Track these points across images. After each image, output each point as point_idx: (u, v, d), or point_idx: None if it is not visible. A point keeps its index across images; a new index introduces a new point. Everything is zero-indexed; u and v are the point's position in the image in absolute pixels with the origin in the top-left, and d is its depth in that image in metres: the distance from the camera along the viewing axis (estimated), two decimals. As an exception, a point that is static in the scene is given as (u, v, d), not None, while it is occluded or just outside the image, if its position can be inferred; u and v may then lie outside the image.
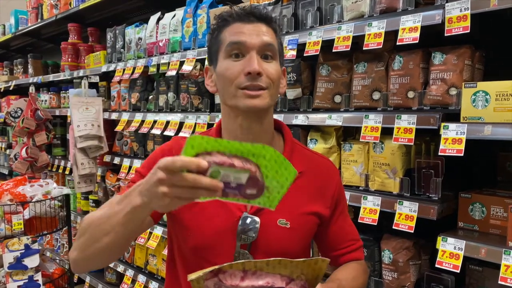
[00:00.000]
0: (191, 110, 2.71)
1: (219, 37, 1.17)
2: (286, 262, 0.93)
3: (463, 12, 1.52)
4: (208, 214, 1.18)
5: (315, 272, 0.96)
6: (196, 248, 1.19)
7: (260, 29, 1.15)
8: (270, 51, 1.15)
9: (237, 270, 0.93)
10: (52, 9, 4.33)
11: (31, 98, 3.98)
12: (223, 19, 1.18)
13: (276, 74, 1.15)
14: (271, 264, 0.93)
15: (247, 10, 1.17)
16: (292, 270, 0.95)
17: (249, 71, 1.10)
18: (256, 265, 0.93)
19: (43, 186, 2.78)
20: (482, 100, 1.50)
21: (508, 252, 1.44)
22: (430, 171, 1.70)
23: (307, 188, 1.22)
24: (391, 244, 1.82)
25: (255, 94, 1.11)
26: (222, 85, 1.17)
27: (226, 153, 0.85)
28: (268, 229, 1.16)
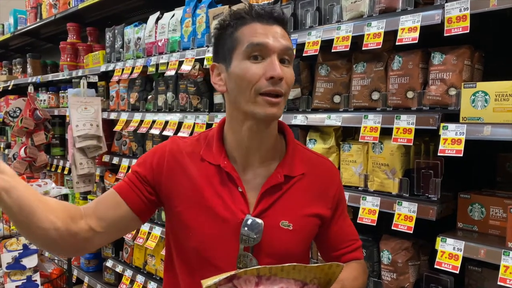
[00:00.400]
0: (190, 110, 2.71)
1: (235, 35, 1.13)
2: (300, 267, 0.92)
3: (463, 12, 1.52)
4: (211, 215, 1.17)
5: (328, 276, 0.95)
6: (196, 249, 1.18)
7: (280, 32, 1.12)
8: (288, 55, 1.12)
9: (251, 276, 0.92)
10: (51, 8, 4.33)
11: (30, 97, 3.97)
12: (240, 16, 1.14)
13: (292, 79, 1.15)
14: (286, 270, 0.92)
15: (266, 10, 1.14)
16: (306, 275, 0.94)
17: (273, 76, 1.07)
18: (271, 271, 0.92)
19: (42, 186, 2.77)
20: (481, 100, 1.50)
21: (507, 253, 1.43)
22: (429, 172, 1.70)
23: (309, 189, 1.22)
24: (390, 245, 1.82)
25: (275, 101, 1.09)
26: (238, 88, 1.12)
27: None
28: (271, 231, 1.15)
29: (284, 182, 1.19)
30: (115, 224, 1.18)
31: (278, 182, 1.18)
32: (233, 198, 1.17)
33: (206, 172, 1.20)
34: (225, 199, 1.17)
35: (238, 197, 1.17)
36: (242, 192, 1.17)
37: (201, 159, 1.21)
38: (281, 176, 1.18)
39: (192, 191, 1.19)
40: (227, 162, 1.19)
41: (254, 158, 1.20)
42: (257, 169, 1.20)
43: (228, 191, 1.18)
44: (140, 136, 3.18)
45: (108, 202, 1.19)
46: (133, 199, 1.19)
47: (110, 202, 1.18)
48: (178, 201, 1.20)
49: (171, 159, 1.21)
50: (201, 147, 1.23)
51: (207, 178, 1.19)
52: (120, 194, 1.18)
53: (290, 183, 1.20)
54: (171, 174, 1.20)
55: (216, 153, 1.20)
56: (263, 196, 1.17)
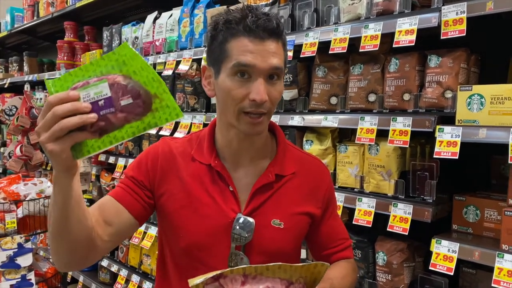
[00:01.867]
0: (187, 110, 2.71)
1: (224, 47, 1.10)
2: (286, 267, 0.93)
3: (459, 15, 1.53)
4: (201, 214, 1.17)
5: (313, 275, 0.97)
6: (188, 248, 1.19)
7: (270, 48, 1.08)
8: (276, 73, 1.11)
9: (238, 275, 0.92)
10: (48, 7, 4.32)
11: (26, 96, 3.96)
12: (231, 27, 1.09)
13: (279, 95, 1.13)
14: (271, 269, 0.93)
15: (259, 23, 1.07)
16: (291, 274, 0.95)
17: (255, 99, 1.07)
18: (257, 270, 0.93)
19: (37, 184, 2.77)
20: (477, 103, 1.51)
21: (501, 255, 1.44)
22: (425, 174, 1.71)
23: (300, 188, 1.23)
24: (385, 246, 1.83)
25: (256, 121, 1.10)
26: (224, 102, 1.13)
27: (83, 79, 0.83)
28: (263, 230, 1.16)
29: (275, 181, 1.20)
30: (119, 232, 1.15)
31: (269, 181, 1.19)
32: (224, 197, 1.18)
33: (197, 172, 1.20)
34: (216, 198, 1.18)
35: (229, 196, 1.18)
36: (233, 191, 1.18)
37: (192, 159, 1.22)
38: (272, 175, 1.20)
39: (183, 191, 1.19)
40: (217, 161, 1.20)
41: (245, 158, 1.21)
42: (248, 169, 1.21)
43: (219, 190, 1.18)
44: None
45: (111, 211, 1.15)
46: (134, 206, 1.17)
47: (113, 210, 1.15)
48: (169, 202, 1.21)
49: (163, 160, 1.22)
50: (192, 147, 1.24)
51: (198, 177, 1.20)
52: (120, 202, 1.16)
53: (281, 182, 1.21)
54: (163, 175, 1.21)
55: (207, 153, 1.21)
56: (254, 195, 1.18)
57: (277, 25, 1.10)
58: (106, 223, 1.12)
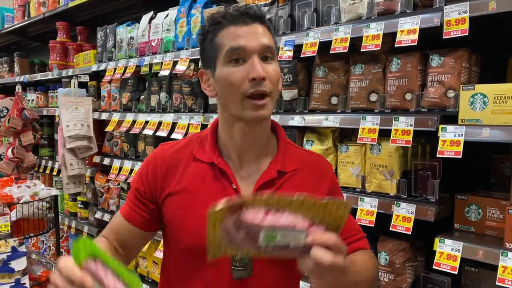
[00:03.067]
0: (184, 110, 2.68)
1: (215, 42, 1.14)
2: (309, 204, 0.88)
3: (462, 15, 1.53)
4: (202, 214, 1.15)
5: (336, 221, 0.91)
6: (189, 249, 1.18)
7: (257, 30, 1.12)
8: (269, 52, 1.13)
9: (260, 207, 0.88)
10: (39, 7, 4.26)
11: (17, 97, 3.90)
12: (217, 22, 1.15)
13: (277, 75, 1.15)
14: (294, 204, 0.89)
15: (241, 10, 1.14)
16: (314, 214, 0.90)
17: (254, 77, 1.08)
18: (279, 203, 0.89)
19: (31, 187, 2.72)
20: (480, 102, 1.52)
21: (505, 254, 1.45)
22: (427, 173, 1.71)
23: (303, 184, 1.22)
24: (387, 246, 1.83)
25: (261, 103, 1.10)
26: (225, 93, 1.14)
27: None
28: None
29: (278, 177, 1.20)
30: (134, 247, 1.31)
31: (272, 177, 1.19)
32: (227, 195, 1.16)
33: (198, 171, 1.21)
34: (218, 196, 1.15)
35: (232, 194, 1.18)
36: (236, 189, 1.18)
37: (194, 159, 1.23)
38: (275, 172, 1.19)
39: (183, 192, 1.20)
40: (220, 159, 1.20)
41: (248, 156, 1.21)
42: (251, 166, 1.21)
43: (221, 188, 1.19)
44: (132, 136, 3.14)
45: (125, 235, 1.27)
46: (144, 223, 1.26)
47: (126, 234, 1.26)
48: (170, 204, 1.22)
49: (163, 165, 1.24)
50: (193, 148, 1.25)
51: (199, 177, 1.20)
52: (131, 223, 1.25)
53: (283, 178, 1.21)
54: (164, 180, 1.23)
55: (210, 151, 1.22)
56: (257, 192, 1.18)
57: (259, 11, 1.16)
58: (124, 248, 1.27)
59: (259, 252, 0.91)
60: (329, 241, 0.88)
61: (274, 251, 0.90)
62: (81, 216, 3.69)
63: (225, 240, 0.90)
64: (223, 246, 0.91)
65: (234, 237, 0.90)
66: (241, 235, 0.89)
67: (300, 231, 0.88)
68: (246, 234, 0.89)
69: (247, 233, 0.89)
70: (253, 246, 0.90)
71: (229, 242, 0.90)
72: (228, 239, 0.90)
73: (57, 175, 4.05)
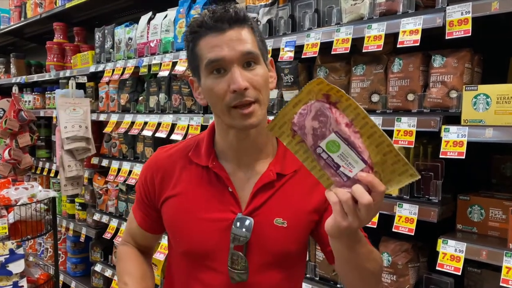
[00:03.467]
0: (184, 111, 2.67)
1: (195, 51, 1.12)
2: (384, 149, 0.81)
3: (464, 15, 1.53)
4: (198, 218, 1.18)
5: (392, 180, 0.84)
6: (188, 252, 1.20)
7: (236, 36, 1.08)
8: (251, 58, 1.09)
9: (349, 116, 0.82)
10: (36, 7, 4.23)
11: (14, 98, 3.87)
12: (195, 31, 1.12)
13: (262, 79, 1.10)
14: (372, 139, 0.82)
15: (216, 17, 1.08)
16: (379, 160, 0.83)
17: (234, 89, 1.05)
18: (362, 127, 0.82)
19: (28, 189, 2.69)
20: (483, 103, 1.51)
21: (509, 254, 1.45)
22: (430, 174, 1.71)
23: (302, 185, 1.21)
24: (389, 247, 1.82)
25: (248, 112, 1.07)
26: (211, 103, 1.14)
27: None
28: (264, 229, 1.15)
29: (277, 179, 1.19)
30: (153, 245, 1.46)
31: (271, 180, 1.18)
32: (223, 199, 1.18)
33: (194, 174, 1.21)
34: (213, 200, 1.18)
35: (228, 198, 1.17)
36: (232, 192, 1.17)
37: (190, 162, 1.23)
38: (273, 174, 1.18)
39: (180, 195, 1.21)
40: (216, 162, 1.19)
41: (246, 158, 1.20)
42: (250, 169, 1.20)
43: (217, 192, 1.18)
44: (131, 138, 3.12)
45: (140, 239, 1.38)
46: (153, 227, 1.33)
47: (140, 236, 1.36)
48: (167, 208, 1.23)
49: (160, 169, 1.25)
50: (190, 151, 1.25)
51: (195, 180, 1.21)
52: (142, 228, 1.34)
53: (282, 180, 1.20)
54: (162, 184, 1.24)
55: (205, 155, 1.21)
56: (255, 195, 1.17)
57: (236, 13, 1.10)
58: (145, 247, 1.40)
59: (307, 158, 0.87)
60: (378, 187, 0.82)
61: (321, 162, 0.86)
62: (79, 218, 3.67)
63: (295, 120, 0.85)
64: (287, 125, 0.86)
65: (304, 121, 0.84)
66: (312, 124, 0.84)
67: (361, 161, 0.83)
68: (318, 126, 0.84)
69: (319, 127, 0.84)
70: (311, 142, 0.85)
71: (298, 124, 0.85)
72: (298, 120, 0.85)
73: (55, 176, 4.02)
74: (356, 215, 0.85)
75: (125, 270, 1.32)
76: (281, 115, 0.86)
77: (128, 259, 1.36)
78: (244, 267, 1.14)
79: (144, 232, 1.34)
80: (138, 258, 1.36)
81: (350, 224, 0.86)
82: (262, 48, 1.14)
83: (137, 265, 1.34)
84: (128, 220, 1.41)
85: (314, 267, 2.04)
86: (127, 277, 1.29)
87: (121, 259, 1.37)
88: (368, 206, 0.83)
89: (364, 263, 1.03)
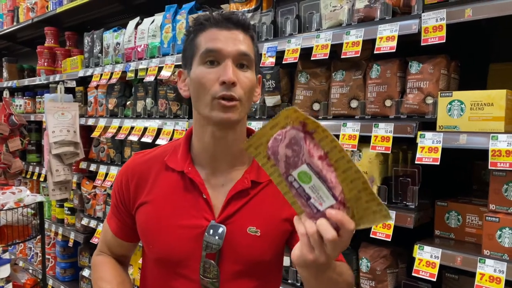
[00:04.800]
0: (170, 116, 2.68)
1: (195, 42, 1.14)
2: (358, 184, 0.79)
3: (439, 22, 1.54)
4: (171, 225, 1.17)
5: (363, 218, 0.82)
6: (161, 260, 1.19)
7: (237, 36, 1.12)
8: (246, 60, 1.12)
9: (325, 148, 0.79)
10: (28, 12, 4.24)
11: (5, 102, 3.88)
12: (199, 23, 1.15)
13: (250, 83, 1.13)
14: (348, 174, 0.79)
15: (225, 15, 1.14)
16: (352, 197, 0.80)
17: (224, 80, 1.07)
18: (338, 160, 0.79)
19: (16, 193, 2.69)
20: (457, 109, 1.52)
21: (483, 260, 1.45)
22: (407, 180, 1.71)
23: (277, 194, 1.18)
24: (368, 253, 1.82)
25: (229, 105, 1.08)
26: (196, 92, 1.13)
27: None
28: (237, 238, 1.14)
29: (252, 187, 1.18)
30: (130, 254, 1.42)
31: (245, 187, 1.17)
32: (197, 205, 1.17)
33: (169, 180, 1.20)
34: (187, 207, 1.17)
35: (202, 204, 1.16)
36: (206, 199, 1.16)
37: (166, 167, 1.22)
38: (248, 182, 1.17)
39: (153, 202, 1.20)
40: (191, 168, 1.19)
41: (222, 164, 1.19)
42: (224, 175, 1.19)
43: (191, 198, 1.17)
44: (119, 142, 3.13)
45: (116, 248, 1.36)
46: (129, 235, 1.32)
47: (117, 245, 1.35)
48: (141, 214, 1.22)
49: (135, 175, 1.24)
50: (166, 156, 1.24)
51: (170, 186, 1.20)
52: (118, 237, 1.32)
53: (257, 188, 1.19)
54: (137, 190, 1.23)
55: (181, 159, 1.20)
56: (229, 202, 1.16)
57: (243, 19, 1.15)
58: (121, 256, 1.37)
59: (282, 182, 0.85)
60: (347, 226, 0.78)
61: (293, 190, 0.84)
62: (68, 222, 3.66)
63: (269, 144, 0.83)
64: (263, 146, 0.84)
65: (278, 148, 0.82)
66: (285, 152, 0.82)
67: (331, 196, 0.80)
68: (291, 155, 0.81)
69: (292, 156, 0.81)
70: (283, 169, 0.83)
71: (271, 148, 0.83)
72: (272, 145, 0.83)
73: (45, 181, 4.02)
74: (322, 250, 0.81)
75: (103, 278, 1.29)
76: (258, 136, 0.85)
77: (105, 267, 1.32)
78: (216, 275, 1.13)
79: (120, 241, 1.32)
80: (115, 266, 1.33)
81: (316, 258, 0.82)
82: (256, 58, 1.18)
83: (115, 273, 1.31)
84: (102, 230, 1.39)
85: (295, 272, 2.04)
86: (105, 284, 1.26)
87: (98, 268, 1.34)
88: (333, 242, 0.79)
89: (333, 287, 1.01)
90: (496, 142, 1.41)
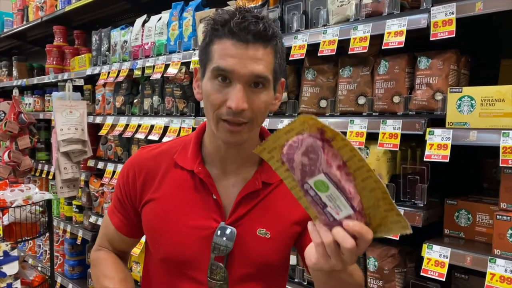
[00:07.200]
0: (176, 114, 2.67)
1: (209, 49, 1.05)
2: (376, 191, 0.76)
3: (449, 16, 1.50)
4: (179, 225, 1.14)
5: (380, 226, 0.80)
6: (166, 260, 1.16)
7: (254, 54, 1.00)
8: (261, 81, 1.02)
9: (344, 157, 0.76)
10: (37, 11, 4.27)
11: (14, 101, 3.90)
12: (216, 28, 1.03)
13: (264, 105, 1.04)
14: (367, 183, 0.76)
15: (243, 26, 0.99)
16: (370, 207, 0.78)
17: (230, 107, 1.00)
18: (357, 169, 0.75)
19: (24, 191, 2.71)
20: (467, 105, 1.48)
21: (493, 260, 1.41)
22: (416, 177, 1.68)
23: (287, 196, 1.17)
24: (376, 252, 1.79)
25: (235, 130, 1.03)
26: (205, 104, 1.08)
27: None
28: (246, 240, 1.12)
29: (262, 188, 1.15)
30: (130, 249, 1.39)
31: (256, 188, 1.14)
32: (206, 206, 1.13)
33: (178, 179, 1.16)
34: (196, 207, 1.14)
35: (212, 205, 1.13)
36: (216, 200, 1.13)
37: (175, 165, 1.18)
38: (259, 183, 1.14)
39: (161, 200, 1.16)
40: (201, 167, 1.15)
41: (233, 165, 1.16)
42: (235, 176, 1.16)
43: (200, 198, 1.14)
44: (126, 140, 3.13)
45: (118, 243, 1.31)
46: (132, 231, 1.27)
47: (119, 242, 1.30)
48: (147, 211, 1.19)
49: (142, 171, 1.19)
50: (175, 153, 1.19)
51: (178, 185, 1.16)
52: (120, 232, 1.27)
53: (267, 189, 1.15)
54: (143, 186, 1.19)
55: (191, 158, 1.16)
56: (239, 203, 1.13)
57: (265, 29, 1.01)
58: (120, 251, 1.33)
59: (296, 186, 0.82)
60: (365, 236, 0.76)
61: (308, 197, 0.81)
62: (76, 220, 3.68)
63: (285, 150, 0.80)
64: (277, 151, 0.82)
65: (293, 155, 0.79)
66: (301, 160, 0.79)
67: (349, 206, 0.77)
68: (307, 163, 0.78)
69: (309, 164, 0.78)
70: (299, 176, 0.80)
71: (286, 155, 0.80)
72: (288, 152, 0.80)
73: (53, 179, 4.04)
74: (339, 258, 0.80)
75: (105, 274, 1.25)
76: (272, 140, 0.82)
77: (107, 263, 1.29)
78: (223, 278, 1.11)
79: (123, 237, 1.28)
80: (117, 262, 1.30)
81: (333, 266, 0.81)
82: (277, 71, 1.08)
83: (117, 269, 1.27)
84: (103, 224, 1.35)
85: (302, 271, 2.02)
86: (107, 281, 1.23)
87: (99, 264, 1.30)
88: (352, 251, 0.77)
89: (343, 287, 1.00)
90: (507, 139, 1.37)
